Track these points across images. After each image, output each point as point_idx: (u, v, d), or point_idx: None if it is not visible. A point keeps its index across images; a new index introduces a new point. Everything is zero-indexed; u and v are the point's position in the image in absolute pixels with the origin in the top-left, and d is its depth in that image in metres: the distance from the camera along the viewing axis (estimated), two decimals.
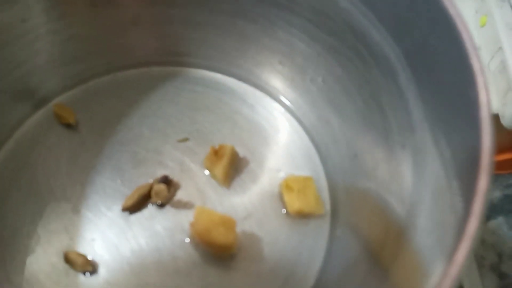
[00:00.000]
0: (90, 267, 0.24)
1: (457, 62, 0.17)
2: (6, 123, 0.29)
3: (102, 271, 0.25)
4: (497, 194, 0.49)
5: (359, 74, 0.24)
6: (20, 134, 0.29)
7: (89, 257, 0.25)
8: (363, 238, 0.24)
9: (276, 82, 0.31)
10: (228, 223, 0.24)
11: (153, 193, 0.26)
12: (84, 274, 0.24)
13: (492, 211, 0.48)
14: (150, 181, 0.27)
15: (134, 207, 0.26)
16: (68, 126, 0.29)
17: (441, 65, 0.18)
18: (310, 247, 0.26)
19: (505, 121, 0.37)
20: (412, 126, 0.20)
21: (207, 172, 0.28)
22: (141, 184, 0.27)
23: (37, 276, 0.24)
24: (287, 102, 0.31)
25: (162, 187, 0.26)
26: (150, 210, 0.27)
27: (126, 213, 0.27)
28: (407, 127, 0.20)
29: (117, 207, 0.27)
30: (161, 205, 0.27)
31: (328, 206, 0.28)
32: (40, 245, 0.25)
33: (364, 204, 0.25)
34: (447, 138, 0.18)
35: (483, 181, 0.13)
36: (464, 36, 0.17)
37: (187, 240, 0.26)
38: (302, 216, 0.27)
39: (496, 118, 0.38)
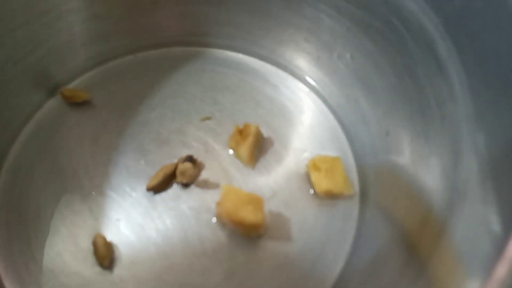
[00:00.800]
0: (106, 263, 0.23)
1: (506, 25, 0.16)
2: (27, 105, 0.29)
3: (126, 252, 0.24)
4: None
5: (392, 48, 0.23)
6: (41, 115, 0.29)
7: (115, 250, 0.24)
8: (396, 222, 0.23)
9: (301, 61, 0.30)
10: (256, 201, 0.23)
11: (178, 172, 0.26)
12: (99, 265, 0.24)
13: None
14: (174, 161, 0.27)
15: (159, 187, 0.26)
16: (85, 104, 0.29)
17: (486, 30, 0.17)
18: (339, 229, 0.25)
19: None
20: (453, 97, 0.19)
21: (231, 152, 0.28)
22: (165, 164, 0.27)
23: (62, 255, 0.24)
24: (312, 82, 0.30)
25: (188, 165, 0.25)
26: (175, 190, 0.26)
27: (151, 193, 0.26)
28: (447, 99, 0.19)
29: (141, 188, 0.26)
30: (186, 185, 0.26)
31: (357, 187, 0.27)
32: (65, 226, 0.25)
33: (396, 185, 0.24)
34: (494, 108, 0.17)
35: None
36: None
37: (214, 220, 0.25)
38: (330, 196, 0.26)
39: None
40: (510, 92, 0.16)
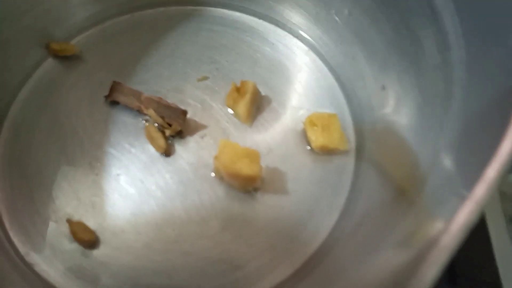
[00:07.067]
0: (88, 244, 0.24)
1: None
2: (25, 64, 0.29)
3: (127, 204, 0.25)
4: None
5: (389, 1, 0.23)
6: (40, 74, 0.29)
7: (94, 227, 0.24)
8: (389, 174, 0.24)
9: (299, 18, 0.30)
10: (252, 155, 0.24)
11: (151, 136, 0.26)
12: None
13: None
14: None
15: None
16: (82, 63, 0.29)
17: None
18: (334, 183, 0.26)
19: None
20: (447, 46, 0.19)
21: (228, 110, 0.28)
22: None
23: (64, 209, 0.25)
24: (311, 40, 0.30)
25: (157, 135, 0.26)
26: (173, 146, 0.27)
27: (149, 149, 0.26)
28: (442, 47, 0.19)
29: (140, 144, 0.27)
30: (180, 134, 0.27)
31: (353, 143, 0.27)
32: (66, 181, 0.26)
33: (390, 139, 0.25)
34: (486, 55, 0.17)
35: None
36: None
37: (212, 174, 0.26)
38: (326, 152, 0.26)
39: None
40: (501, 40, 0.16)
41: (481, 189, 0.11)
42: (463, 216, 0.11)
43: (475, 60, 0.17)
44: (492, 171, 0.11)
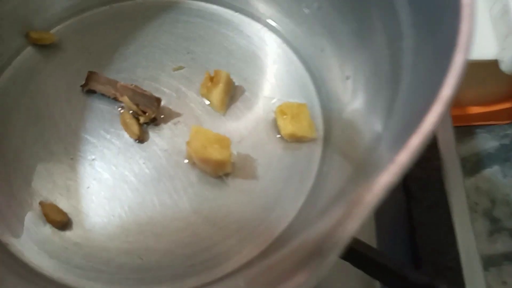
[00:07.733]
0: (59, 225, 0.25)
1: None
2: (4, 51, 0.29)
3: (101, 188, 0.26)
4: (494, 143, 0.50)
5: None
6: (18, 62, 0.30)
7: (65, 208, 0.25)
8: (350, 159, 0.25)
9: (273, 12, 0.31)
10: (223, 141, 0.25)
11: (125, 122, 0.27)
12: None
13: (488, 159, 0.49)
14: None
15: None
16: (61, 51, 0.30)
17: None
18: (302, 169, 0.27)
19: (504, 66, 0.36)
20: (400, 35, 0.20)
21: (203, 99, 0.29)
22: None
23: (39, 192, 0.26)
24: (283, 32, 0.31)
25: (131, 122, 0.26)
26: (147, 133, 0.28)
27: (124, 136, 0.27)
28: (397, 36, 0.20)
29: (115, 130, 0.27)
30: (154, 121, 0.27)
31: (321, 132, 0.28)
32: (42, 165, 0.26)
33: (352, 127, 0.26)
34: (431, 37, 0.18)
35: (459, 57, 0.13)
36: None
37: (185, 161, 0.27)
38: (295, 140, 0.28)
39: (494, 65, 0.38)
40: (438, 29, 0.17)
41: (404, 156, 0.12)
42: (385, 177, 0.12)
43: (420, 47, 0.18)
44: (416, 140, 0.12)
